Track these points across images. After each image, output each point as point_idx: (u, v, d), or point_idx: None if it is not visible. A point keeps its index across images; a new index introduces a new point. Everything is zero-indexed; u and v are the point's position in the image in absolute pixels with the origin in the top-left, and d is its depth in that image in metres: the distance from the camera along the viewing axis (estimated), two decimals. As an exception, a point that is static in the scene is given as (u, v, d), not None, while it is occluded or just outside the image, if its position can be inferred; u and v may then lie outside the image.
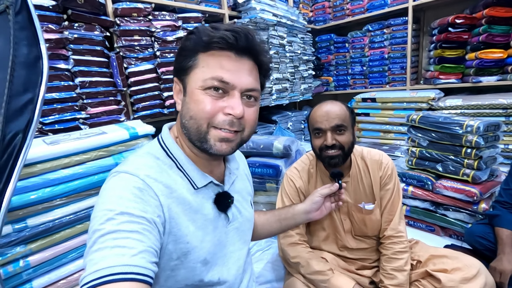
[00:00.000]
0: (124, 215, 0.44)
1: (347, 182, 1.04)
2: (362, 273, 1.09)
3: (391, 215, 1.03)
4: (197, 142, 0.55)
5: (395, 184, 1.05)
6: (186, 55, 0.54)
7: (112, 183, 0.49)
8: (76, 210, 1.00)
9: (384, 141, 2.56)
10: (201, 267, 0.56)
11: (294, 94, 2.56)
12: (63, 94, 1.30)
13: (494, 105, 1.90)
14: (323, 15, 3.13)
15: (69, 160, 0.98)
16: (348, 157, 1.00)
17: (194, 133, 0.54)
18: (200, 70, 0.53)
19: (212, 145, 0.54)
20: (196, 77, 0.53)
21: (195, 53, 0.53)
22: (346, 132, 0.95)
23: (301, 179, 1.09)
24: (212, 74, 0.52)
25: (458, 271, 0.93)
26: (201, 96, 0.52)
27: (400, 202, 1.05)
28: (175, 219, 0.52)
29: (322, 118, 0.95)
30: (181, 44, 0.56)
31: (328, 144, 0.93)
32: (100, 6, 1.40)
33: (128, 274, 0.39)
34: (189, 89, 0.54)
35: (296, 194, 1.09)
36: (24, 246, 0.90)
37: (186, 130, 0.55)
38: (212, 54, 0.52)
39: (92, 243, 0.42)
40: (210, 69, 0.52)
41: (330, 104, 0.98)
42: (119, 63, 1.48)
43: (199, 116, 0.52)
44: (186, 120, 0.54)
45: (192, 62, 0.53)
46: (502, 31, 2.03)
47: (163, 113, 1.69)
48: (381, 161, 1.04)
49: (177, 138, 0.60)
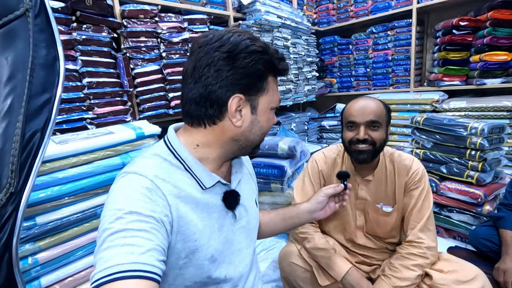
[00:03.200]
0: (133, 214, 0.45)
1: (370, 181, 1.04)
2: (360, 267, 1.10)
3: (417, 222, 0.98)
4: (251, 150, 0.64)
5: (423, 191, 0.99)
6: (259, 77, 0.57)
7: (121, 184, 0.50)
8: (84, 209, 1.01)
9: (388, 142, 2.55)
10: (208, 264, 0.57)
11: (298, 95, 2.56)
12: (71, 94, 1.32)
13: (499, 107, 1.90)
14: (327, 17, 3.14)
15: (77, 159, 1.00)
16: (377, 154, 0.99)
17: (257, 144, 0.64)
18: (271, 93, 0.60)
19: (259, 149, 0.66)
20: (269, 99, 0.60)
21: (267, 76, 0.58)
22: (380, 129, 0.95)
23: (326, 164, 1.10)
24: (279, 96, 0.63)
25: (454, 273, 0.91)
26: (271, 115, 0.62)
27: (430, 211, 0.99)
28: (183, 218, 0.53)
29: (358, 112, 0.95)
30: (247, 61, 0.54)
31: (360, 138, 0.94)
32: (108, 8, 1.42)
33: (137, 272, 0.40)
34: (262, 108, 0.59)
35: (317, 176, 1.10)
36: (33, 244, 0.91)
37: (249, 143, 0.61)
38: (275, 79, 0.62)
39: (102, 242, 0.43)
40: (276, 92, 0.62)
41: (368, 99, 0.99)
42: (126, 64, 1.50)
43: (268, 131, 0.64)
44: (257, 136, 0.61)
45: (265, 84, 0.58)
46: (506, 34, 2.02)
47: (168, 113, 1.70)
48: (410, 167, 1.01)
49: (197, 146, 0.59)
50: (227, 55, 0.53)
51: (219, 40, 0.54)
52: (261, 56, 0.55)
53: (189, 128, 0.60)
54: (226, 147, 0.60)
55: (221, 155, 0.61)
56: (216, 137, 0.58)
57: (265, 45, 0.57)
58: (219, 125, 0.57)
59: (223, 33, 0.55)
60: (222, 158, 0.62)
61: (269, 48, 0.57)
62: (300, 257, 1.08)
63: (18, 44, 0.43)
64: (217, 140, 0.59)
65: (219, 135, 0.58)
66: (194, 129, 0.59)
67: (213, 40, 0.54)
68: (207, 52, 0.54)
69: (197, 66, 0.54)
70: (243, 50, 0.53)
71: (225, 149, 0.60)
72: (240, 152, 0.64)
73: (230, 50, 0.53)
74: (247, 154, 0.66)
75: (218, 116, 0.56)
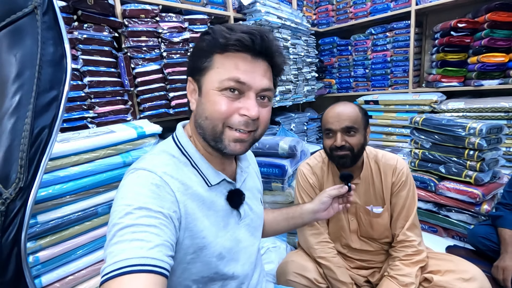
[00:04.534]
0: (142, 210, 0.45)
1: (358, 184, 1.04)
2: (358, 272, 1.10)
3: (405, 220, 1.01)
4: (212, 142, 0.56)
5: (410, 190, 1.02)
6: (201, 56, 0.55)
7: (131, 180, 0.50)
8: (85, 207, 1.01)
9: (387, 143, 2.57)
10: (216, 261, 0.58)
11: (297, 96, 2.57)
12: (72, 93, 1.31)
13: (496, 108, 1.92)
14: (326, 18, 3.15)
15: (78, 158, 1.00)
16: (357, 158, 1.00)
17: (209, 132, 0.55)
18: (216, 72, 0.53)
19: (226, 145, 0.55)
20: (212, 78, 0.53)
21: (211, 54, 0.54)
22: (357, 134, 0.95)
23: (314, 175, 1.10)
24: (228, 75, 0.52)
25: (451, 273, 0.92)
26: (217, 97, 0.53)
27: (415, 207, 1.02)
28: (191, 215, 0.54)
29: (334, 119, 0.96)
30: (196, 44, 0.57)
31: (337, 145, 0.94)
32: (109, 7, 1.42)
33: (145, 266, 0.41)
34: (204, 89, 0.55)
35: (312, 189, 1.10)
36: (34, 242, 0.91)
37: (201, 129, 0.56)
38: (228, 55, 0.53)
39: (112, 236, 0.44)
40: (226, 70, 0.53)
41: (343, 105, 0.98)
42: (127, 64, 1.50)
43: (214, 117, 0.53)
44: (202, 120, 0.55)
45: (207, 63, 0.54)
46: (504, 36, 2.04)
47: (169, 113, 1.70)
48: (395, 166, 1.02)
49: (190, 137, 0.61)
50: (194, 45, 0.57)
51: None
52: (205, 36, 0.55)
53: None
54: (198, 136, 0.59)
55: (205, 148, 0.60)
56: (193, 125, 0.60)
57: (222, 26, 0.54)
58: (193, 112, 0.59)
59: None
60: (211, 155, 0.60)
61: (223, 27, 0.53)
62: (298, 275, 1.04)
63: (26, 42, 0.44)
64: (194, 129, 0.60)
65: (193, 122, 0.59)
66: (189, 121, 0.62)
67: None
68: None
69: None
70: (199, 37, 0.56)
71: (200, 140, 0.59)
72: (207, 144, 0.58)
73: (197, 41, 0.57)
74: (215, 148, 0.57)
75: (189, 102, 0.60)
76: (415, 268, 0.95)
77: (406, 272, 0.94)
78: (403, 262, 0.97)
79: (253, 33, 0.52)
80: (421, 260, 0.97)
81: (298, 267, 1.06)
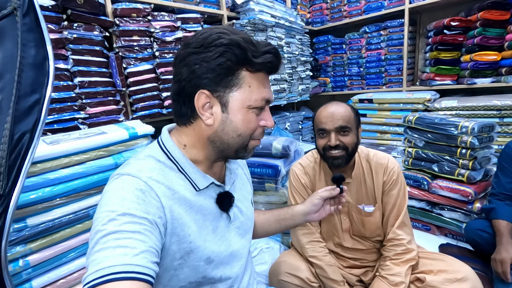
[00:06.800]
0: (126, 216, 0.45)
1: (349, 183, 1.05)
2: (351, 271, 1.11)
3: (395, 219, 1.02)
4: (232, 153, 0.59)
5: (401, 189, 1.03)
6: (226, 72, 0.52)
7: (115, 185, 0.49)
8: (76, 210, 1.00)
9: (381, 141, 2.59)
10: (204, 265, 0.57)
11: (292, 94, 2.57)
12: (62, 94, 1.30)
13: (489, 106, 1.94)
14: (320, 17, 3.15)
15: (69, 159, 0.98)
16: (351, 158, 1.00)
17: (237, 147, 0.58)
18: (248, 90, 0.55)
19: (248, 153, 0.60)
20: (244, 97, 0.54)
21: (237, 70, 0.53)
22: (350, 133, 0.96)
23: (306, 175, 1.10)
24: (261, 95, 0.56)
25: (443, 273, 0.93)
26: (249, 115, 0.56)
27: (406, 205, 1.03)
28: (178, 219, 0.53)
29: (327, 119, 0.96)
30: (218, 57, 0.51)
31: (331, 144, 0.94)
32: (99, 6, 1.40)
33: (130, 273, 0.40)
34: (234, 106, 0.54)
35: (304, 190, 1.10)
36: (23, 246, 0.90)
37: (223, 144, 0.57)
38: (257, 74, 0.56)
39: (94, 244, 0.43)
40: (258, 89, 0.55)
41: (335, 105, 0.98)
42: (118, 63, 1.48)
43: (247, 134, 0.57)
44: (231, 138, 0.56)
45: (235, 80, 0.53)
46: (496, 34, 2.06)
47: (162, 113, 1.69)
48: (386, 165, 1.02)
49: (185, 146, 0.59)
50: (195, 50, 0.52)
51: (194, 36, 0.54)
52: (227, 49, 0.51)
53: (179, 128, 0.61)
54: (207, 148, 0.59)
55: (208, 157, 0.60)
56: (197, 137, 0.58)
57: (240, 38, 0.52)
58: (196, 124, 0.57)
59: (202, 30, 0.55)
60: (209, 160, 0.61)
61: (244, 41, 0.52)
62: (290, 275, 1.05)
63: (6, 44, 0.42)
64: (198, 141, 0.58)
65: (199, 135, 0.58)
66: (181, 129, 0.60)
67: (192, 37, 0.55)
68: (182, 48, 0.55)
69: (175, 63, 0.56)
70: (210, 44, 0.52)
71: (208, 151, 0.59)
72: (222, 155, 0.60)
73: (199, 45, 0.52)
74: (232, 157, 0.62)
75: (192, 114, 0.56)
76: (405, 267, 0.96)
77: (396, 272, 0.95)
78: (393, 262, 0.98)
79: (277, 55, 0.56)
80: (411, 259, 0.98)
81: (290, 267, 1.06)
